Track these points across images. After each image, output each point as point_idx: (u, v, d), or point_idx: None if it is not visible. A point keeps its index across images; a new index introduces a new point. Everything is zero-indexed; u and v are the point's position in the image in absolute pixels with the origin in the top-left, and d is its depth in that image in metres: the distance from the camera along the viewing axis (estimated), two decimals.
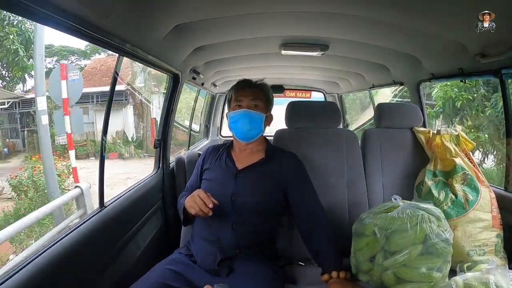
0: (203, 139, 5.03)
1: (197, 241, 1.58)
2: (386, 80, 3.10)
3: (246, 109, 1.62)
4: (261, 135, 1.71)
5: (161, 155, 2.35)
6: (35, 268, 1.09)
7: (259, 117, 1.64)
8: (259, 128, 1.66)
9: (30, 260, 1.11)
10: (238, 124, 1.64)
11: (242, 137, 1.67)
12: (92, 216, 1.50)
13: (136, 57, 1.66)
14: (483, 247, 1.73)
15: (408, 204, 1.51)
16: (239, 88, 1.68)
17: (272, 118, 1.76)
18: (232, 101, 1.68)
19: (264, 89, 1.70)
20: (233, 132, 1.69)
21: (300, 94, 5.08)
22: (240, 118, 1.63)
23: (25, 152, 13.38)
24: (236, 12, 1.74)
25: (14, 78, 13.52)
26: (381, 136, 2.16)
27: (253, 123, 1.63)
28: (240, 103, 1.64)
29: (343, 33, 2.12)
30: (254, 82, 1.71)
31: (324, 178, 1.95)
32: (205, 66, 2.87)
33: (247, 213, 1.56)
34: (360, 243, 1.55)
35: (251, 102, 1.63)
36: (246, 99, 1.64)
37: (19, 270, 1.05)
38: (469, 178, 1.86)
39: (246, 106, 1.63)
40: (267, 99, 1.70)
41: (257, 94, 1.66)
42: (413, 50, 2.22)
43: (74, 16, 1.08)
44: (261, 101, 1.66)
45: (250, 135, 1.66)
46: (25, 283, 1.03)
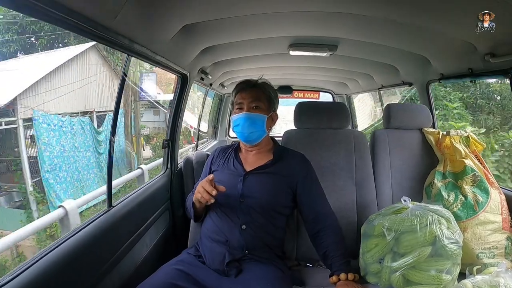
0: (210, 140, 5.04)
1: (206, 241, 1.58)
2: (395, 81, 3.08)
3: (246, 112, 1.61)
4: (266, 136, 1.70)
5: (169, 155, 2.36)
6: (43, 267, 1.09)
7: (260, 118, 1.63)
8: (261, 130, 1.65)
9: (38, 259, 1.11)
10: (240, 128, 1.63)
11: (245, 140, 1.67)
12: (100, 215, 1.50)
13: (144, 57, 1.66)
14: (493, 250, 1.72)
15: (417, 206, 1.50)
16: (240, 89, 1.67)
17: (277, 117, 1.74)
18: (234, 104, 1.68)
19: (265, 88, 1.68)
20: (237, 135, 1.69)
21: (308, 95, 5.06)
22: (241, 121, 1.62)
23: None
24: (244, 13, 1.74)
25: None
26: (390, 137, 2.15)
27: (254, 126, 1.62)
28: (241, 105, 1.63)
29: (351, 33, 2.11)
30: (254, 81, 1.69)
31: (332, 179, 1.95)
32: (213, 67, 2.87)
33: (255, 214, 1.55)
34: (369, 244, 1.54)
35: (252, 104, 1.62)
36: (246, 101, 1.62)
37: (26, 268, 1.05)
38: (479, 179, 1.84)
39: (246, 109, 1.62)
40: (269, 98, 1.68)
41: (257, 94, 1.64)
42: (422, 50, 2.20)
43: (83, 16, 1.08)
44: (261, 102, 1.64)
45: (252, 138, 1.65)
46: (33, 281, 1.04)
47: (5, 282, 0.98)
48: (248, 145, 1.68)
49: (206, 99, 4.52)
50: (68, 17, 1.03)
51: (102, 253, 1.43)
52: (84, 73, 10.16)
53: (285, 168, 1.66)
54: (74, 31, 1.15)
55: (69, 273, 1.20)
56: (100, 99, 10.93)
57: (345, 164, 2.00)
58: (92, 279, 1.32)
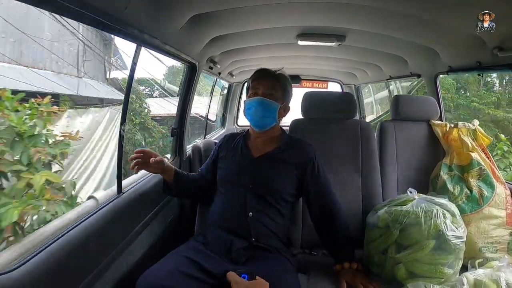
0: (219, 128, 5.05)
1: (213, 229, 1.61)
2: (403, 72, 3.05)
3: (260, 97, 1.64)
4: (276, 124, 1.72)
5: (177, 143, 2.38)
6: (56, 249, 1.12)
7: (273, 105, 1.65)
8: (273, 117, 1.68)
9: (51, 242, 1.14)
10: (252, 111, 1.66)
11: (255, 124, 1.69)
12: (109, 202, 1.52)
13: (154, 47, 1.68)
14: (496, 244, 1.73)
15: (423, 198, 1.52)
16: (257, 77, 1.70)
17: (288, 109, 1.77)
18: (250, 89, 1.71)
19: (281, 80, 1.71)
20: (248, 119, 1.71)
21: (316, 85, 5.01)
22: (254, 105, 1.65)
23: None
24: (253, 3, 1.74)
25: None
26: (397, 128, 2.15)
27: (267, 111, 1.65)
28: (256, 90, 1.66)
29: (360, 24, 2.09)
30: (273, 72, 1.72)
31: (338, 169, 1.96)
32: (222, 56, 2.87)
33: (262, 200, 1.58)
34: (373, 235, 1.57)
35: (267, 90, 1.65)
36: (262, 88, 1.66)
37: (41, 251, 1.08)
38: (485, 173, 1.84)
39: (261, 94, 1.65)
40: (284, 90, 1.71)
41: (273, 84, 1.67)
42: (430, 43, 2.18)
43: (94, 8, 1.10)
44: (276, 91, 1.67)
45: (263, 123, 1.68)
46: (46, 263, 1.07)
47: (21, 263, 1.01)
48: (257, 130, 1.70)
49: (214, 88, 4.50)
50: (80, 9, 1.05)
51: (110, 239, 1.46)
52: None
53: (293, 156, 1.67)
54: (86, 23, 1.19)
55: (77, 258, 1.22)
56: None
57: (351, 154, 2.01)
58: (100, 264, 1.34)
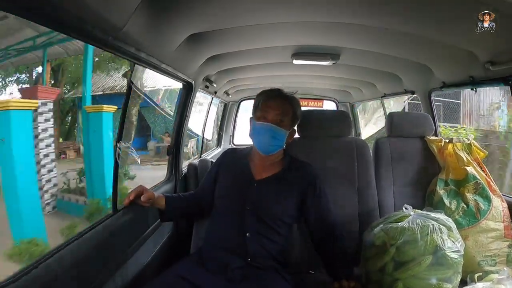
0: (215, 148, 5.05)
1: (209, 247, 1.59)
2: (397, 89, 3.09)
3: (270, 124, 1.57)
4: (282, 148, 1.68)
5: (174, 162, 2.38)
6: (48, 269, 1.10)
7: (282, 133, 1.60)
8: (280, 145, 1.63)
9: (40, 262, 1.11)
10: (260, 138, 1.61)
11: (263, 150, 1.63)
12: (104, 220, 1.51)
13: (150, 66, 1.68)
14: (495, 257, 1.72)
15: (419, 214, 1.51)
16: (268, 98, 1.63)
17: (295, 132, 1.74)
18: (258, 110, 1.63)
19: (293, 104, 1.65)
20: (254, 142, 1.66)
21: (312, 103, 5.06)
22: (262, 132, 1.59)
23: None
24: (249, 23, 1.77)
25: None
26: (392, 145, 2.16)
27: (275, 139, 1.60)
28: (266, 114, 1.59)
29: (354, 43, 2.13)
30: (285, 94, 1.66)
31: (334, 187, 1.94)
32: (218, 75, 2.90)
33: (261, 222, 1.56)
34: (370, 252, 1.56)
35: (277, 116, 1.59)
36: (273, 112, 1.59)
37: (31, 270, 1.05)
38: (481, 187, 1.85)
39: (271, 120, 1.58)
40: (295, 115, 1.66)
41: (284, 107, 1.61)
42: (424, 59, 2.22)
43: (92, 26, 1.11)
44: (287, 117, 1.61)
45: (270, 150, 1.63)
46: (37, 283, 1.04)
47: (6, 283, 0.98)
48: (263, 154, 1.65)
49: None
50: (78, 27, 1.07)
51: (105, 258, 1.43)
52: None
53: (295, 178, 1.65)
54: (83, 40, 1.20)
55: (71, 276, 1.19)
56: None
57: (347, 171, 2.01)
58: (95, 283, 1.32)
